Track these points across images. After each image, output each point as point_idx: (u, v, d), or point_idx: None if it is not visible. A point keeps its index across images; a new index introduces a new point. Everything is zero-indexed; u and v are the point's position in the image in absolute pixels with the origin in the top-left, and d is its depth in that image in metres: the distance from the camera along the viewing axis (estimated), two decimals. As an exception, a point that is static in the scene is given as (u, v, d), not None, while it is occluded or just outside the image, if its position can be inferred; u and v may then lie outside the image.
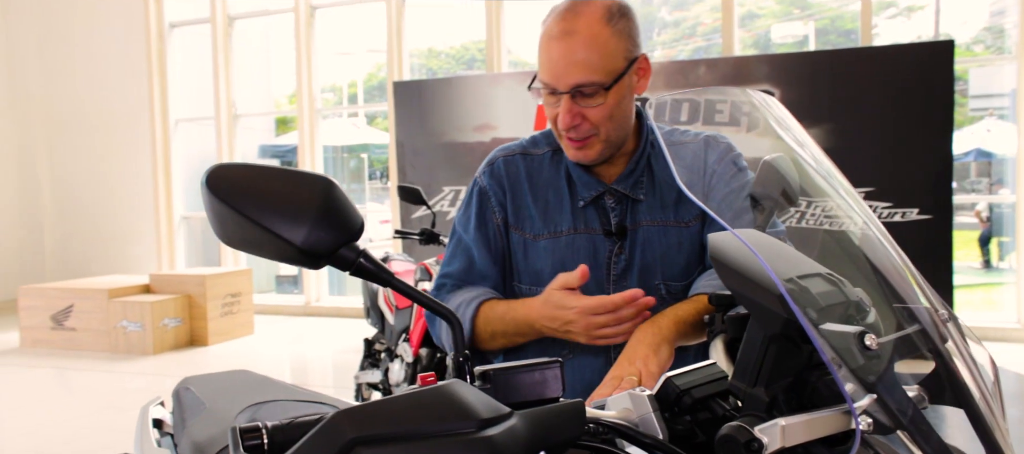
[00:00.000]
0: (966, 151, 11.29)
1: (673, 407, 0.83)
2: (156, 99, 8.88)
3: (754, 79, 5.79)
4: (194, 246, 9.23)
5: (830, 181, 0.92)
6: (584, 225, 1.35)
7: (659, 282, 1.32)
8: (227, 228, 0.74)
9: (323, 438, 0.59)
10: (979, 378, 0.73)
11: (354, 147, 12.02)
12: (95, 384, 5.58)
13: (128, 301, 6.50)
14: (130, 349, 6.46)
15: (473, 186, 1.44)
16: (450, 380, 0.67)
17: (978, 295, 8.97)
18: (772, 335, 0.72)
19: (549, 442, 0.69)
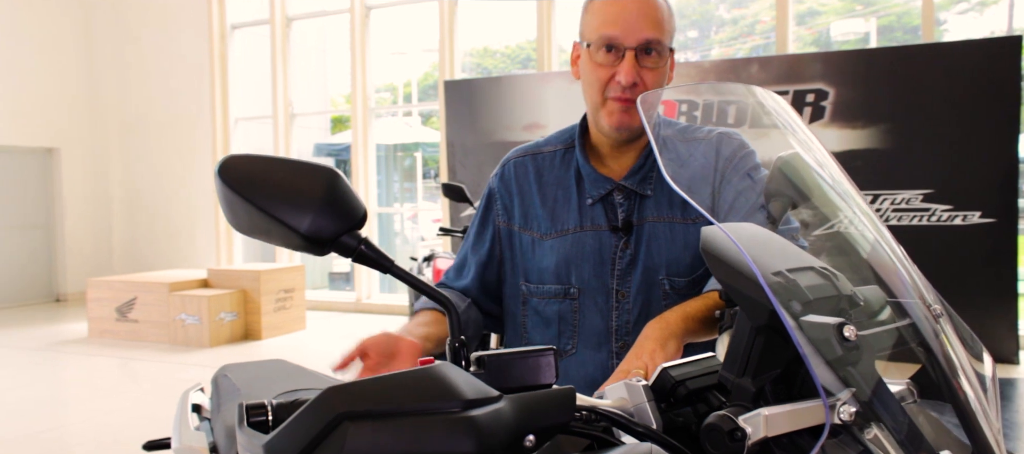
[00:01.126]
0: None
1: (668, 397, 0.85)
2: (218, 99, 9.17)
3: (807, 77, 5.68)
4: (251, 242, 9.50)
5: (835, 182, 0.92)
6: (590, 222, 1.37)
7: (663, 278, 1.33)
8: (237, 215, 0.79)
9: (314, 412, 0.63)
10: (968, 374, 0.73)
11: (407, 145, 12.18)
12: (155, 374, 5.80)
13: (187, 295, 6.74)
14: (188, 341, 6.69)
15: (486, 188, 1.50)
16: (440, 362, 0.70)
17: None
18: (759, 326, 0.73)
19: (537, 426, 0.71)
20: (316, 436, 0.62)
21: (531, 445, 0.71)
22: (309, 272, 8.33)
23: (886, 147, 5.51)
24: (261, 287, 6.92)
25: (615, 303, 1.34)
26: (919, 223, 5.40)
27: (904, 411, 0.67)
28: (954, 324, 0.78)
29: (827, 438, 0.71)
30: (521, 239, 1.43)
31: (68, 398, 5.41)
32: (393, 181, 12.17)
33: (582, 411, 0.81)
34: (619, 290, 1.34)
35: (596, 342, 1.35)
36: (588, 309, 1.35)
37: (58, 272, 9.80)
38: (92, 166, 9.94)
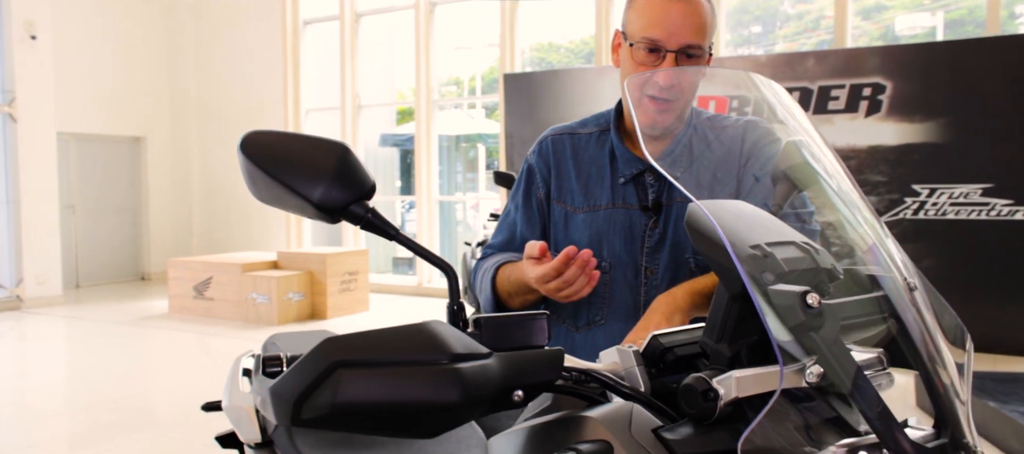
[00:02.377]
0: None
1: (658, 363, 0.88)
2: (289, 91, 9.44)
3: (864, 72, 5.53)
4: (320, 227, 9.76)
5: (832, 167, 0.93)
6: (622, 200, 1.40)
7: (689, 256, 1.36)
8: (257, 186, 0.85)
9: (312, 360, 0.69)
10: (939, 347, 0.74)
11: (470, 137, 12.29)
12: (227, 349, 6.05)
13: (258, 275, 6.99)
14: (259, 319, 6.95)
15: (524, 165, 1.53)
16: (433, 320, 0.75)
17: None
18: (735, 294, 0.76)
19: (524, 382, 0.75)
20: (313, 381, 0.68)
21: (519, 400, 0.75)
22: (373, 257, 8.52)
23: (944, 141, 5.32)
24: (327, 269, 7.12)
25: (644, 279, 1.37)
26: (978, 218, 5.21)
27: (868, 381, 0.68)
28: (931, 299, 0.79)
29: (795, 403, 0.74)
30: (554, 211, 1.47)
31: (150, 368, 5.69)
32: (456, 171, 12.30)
33: (573, 372, 0.85)
34: (648, 267, 1.38)
35: (624, 315, 1.38)
36: (618, 283, 1.39)
37: (143, 253, 10.27)
38: (174, 154, 10.37)
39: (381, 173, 10.40)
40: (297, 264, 7.32)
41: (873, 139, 5.49)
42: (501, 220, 1.53)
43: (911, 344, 0.73)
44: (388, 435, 0.72)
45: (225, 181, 10.07)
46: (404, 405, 0.69)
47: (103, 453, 3.67)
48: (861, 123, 5.52)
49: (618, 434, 0.75)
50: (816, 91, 5.66)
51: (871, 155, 5.48)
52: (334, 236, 9.60)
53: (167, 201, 10.32)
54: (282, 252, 7.61)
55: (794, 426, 0.71)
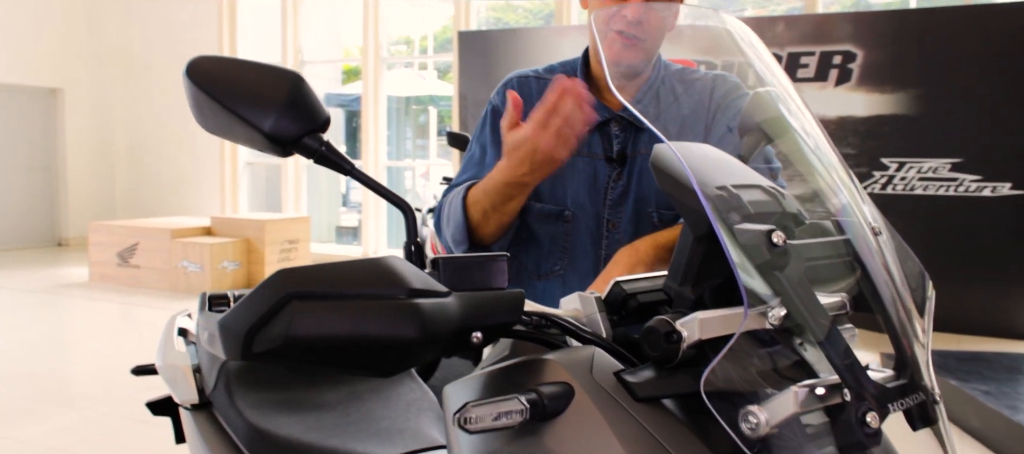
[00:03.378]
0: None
1: (620, 310, 0.91)
2: (225, 42, 9.23)
3: (835, 38, 5.65)
4: (257, 192, 9.63)
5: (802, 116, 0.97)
6: (587, 149, 1.43)
7: (652, 210, 1.39)
8: (204, 114, 0.85)
9: (265, 291, 0.70)
10: (900, 292, 0.78)
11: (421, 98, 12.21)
12: (155, 319, 5.95)
13: (189, 242, 6.87)
14: (190, 289, 6.84)
15: (487, 107, 1.54)
16: (391, 255, 0.76)
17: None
18: (699, 236, 0.79)
19: (483, 324, 0.78)
20: (265, 313, 0.69)
21: (478, 341, 0.78)
22: (315, 225, 8.45)
23: (914, 113, 5.48)
24: (265, 237, 7.04)
25: (606, 232, 1.41)
26: (946, 193, 5.39)
27: (830, 319, 0.72)
28: (896, 245, 0.83)
29: (758, 345, 0.78)
30: None
31: (68, 340, 5.57)
32: (406, 137, 12.22)
33: (533, 316, 0.88)
34: (610, 219, 1.41)
35: (585, 267, 1.41)
36: (579, 234, 1.42)
37: (60, 216, 9.99)
38: (95, 109, 10.07)
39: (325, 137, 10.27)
40: (232, 231, 7.22)
41: (842, 109, 5.63)
42: (465, 162, 1.54)
43: (873, 288, 0.77)
44: (342, 371, 0.73)
45: (153, 139, 9.84)
46: (360, 339, 0.70)
47: (22, 431, 3.60)
48: (830, 93, 5.65)
49: (580, 377, 0.78)
50: (785, 58, 5.77)
51: (840, 126, 5.62)
52: (273, 202, 9.47)
53: (87, 160, 10.04)
54: (216, 217, 7.49)
55: (756, 368, 0.74)
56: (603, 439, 0.74)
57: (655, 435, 0.74)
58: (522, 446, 0.78)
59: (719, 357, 0.70)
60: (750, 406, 0.69)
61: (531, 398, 0.74)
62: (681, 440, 0.74)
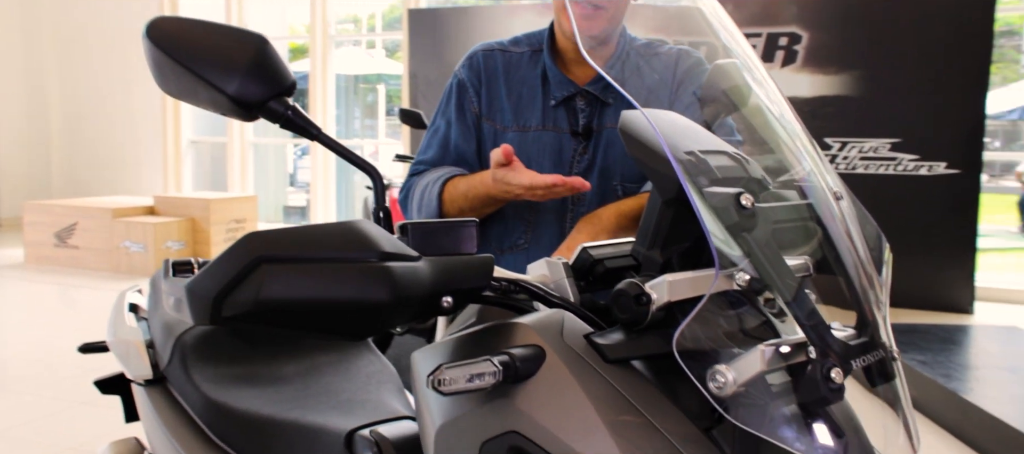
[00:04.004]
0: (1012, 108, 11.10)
1: (587, 276, 0.92)
2: (166, 17, 8.95)
3: (781, 20, 5.75)
4: (202, 171, 9.41)
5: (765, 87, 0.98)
6: (553, 123, 1.44)
7: (617, 182, 1.41)
8: (165, 76, 0.83)
9: (234, 255, 0.69)
10: (860, 253, 0.81)
11: (370, 78, 12.06)
12: (96, 301, 5.79)
13: (132, 222, 6.69)
14: (132, 270, 6.67)
15: (452, 80, 1.54)
16: (360, 219, 0.76)
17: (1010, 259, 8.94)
18: (668, 200, 0.80)
19: (454, 288, 0.78)
20: (235, 276, 0.68)
21: (448, 306, 0.78)
22: (262, 204, 8.30)
23: (858, 95, 5.62)
24: (211, 216, 6.90)
25: (571, 205, 1.42)
26: (886, 172, 5.56)
27: (796, 279, 0.74)
28: (856, 210, 0.86)
29: (726, 307, 0.79)
30: (483, 128, 1.49)
31: (6, 323, 5.39)
32: (354, 117, 12.06)
33: (502, 282, 0.88)
34: None
35: (549, 241, 1.42)
36: (544, 208, 1.43)
37: (-8, 195, 9.63)
38: (28, 80, 9.68)
39: (271, 114, 10.06)
40: (177, 210, 7.05)
41: (788, 90, 5.75)
42: (429, 137, 1.54)
43: (835, 251, 0.79)
44: (312, 335, 0.73)
45: (92, 116, 9.52)
46: (331, 303, 0.70)
47: (-46, 412, 3.48)
48: (776, 74, 5.76)
49: (550, 340, 0.79)
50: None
51: (785, 107, 5.73)
52: (218, 181, 9.27)
53: (19, 135, 9.66)
54: (159, 196, 7.31)
55: (723, 328, 0.76)
56: (575, 399, 0.74)
57: (625, 395, 0.75)
58: (494, 409, 0.78)
59: (691, 316, 0.71)
60: (717, 365, 0.70)
61: (503, 360, 0.75)
62: (651, 399, 0.76)
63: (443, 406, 0.84)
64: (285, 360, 1.46)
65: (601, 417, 0.73)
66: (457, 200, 1.40)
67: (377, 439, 1.22)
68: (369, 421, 1.29)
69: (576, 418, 0.73)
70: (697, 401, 0.77)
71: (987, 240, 6.51)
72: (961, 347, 4.36)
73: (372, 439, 1.22)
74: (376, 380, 1.46)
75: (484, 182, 1.33)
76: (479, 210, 1.38)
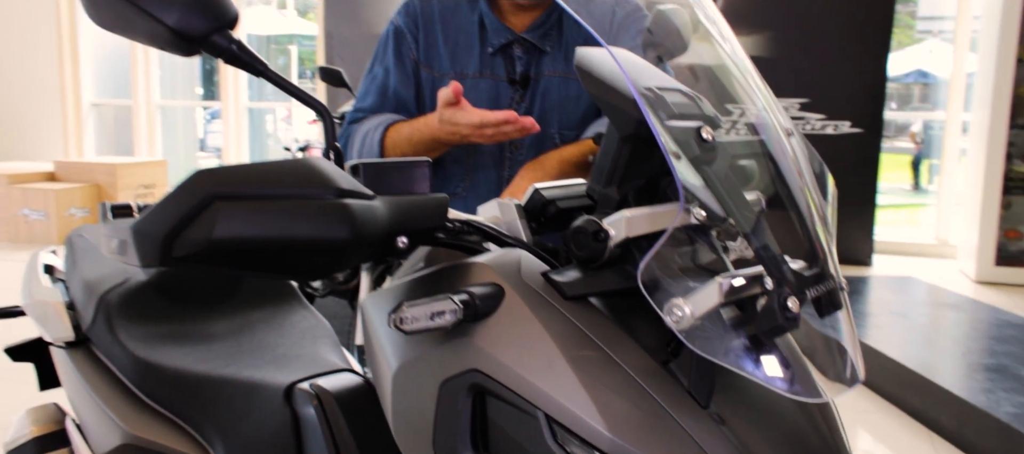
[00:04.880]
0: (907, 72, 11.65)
1: (539, 217, 0.91)
2: (61, -27, 8.44)
3: (697, -19, 5.83)
4: (105, 135, 8.96)
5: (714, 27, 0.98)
6: (490, 71, 1.42)
7: (554, 131, 1.41)
8: (98, 7, 0.77)
9: (184, 193, 0.65)
10: (810, 188, 0.82)
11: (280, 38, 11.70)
12: (-5, 272, 5.48)
13: (30, 188, 6.34)
14: (33, 238, 6.32)
15: (388, 28, 1.50)
16: (314, 156, 0.72)
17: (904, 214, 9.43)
18: (626, 136, 0.79)
19: (410, 228, 0.76)
20: (186, 215, 0.64)
21: (404, 246, 0.76)
22: (173, 168, 7.98)
23: (769, 56, 5.77)
24: (117, 182, 6.59)
25: (508, 153, 1.40)
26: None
27: (754, 211, 0.75)
28: (805, 146, 0.87)
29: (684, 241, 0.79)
30: (421, 75, 1.46)
31: None
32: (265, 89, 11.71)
33: (455, 223, 0.86)
34: (513, 141, 1.40)
35: (487, 189, 1.41)
36: (481, 156, 1.41)
37: None
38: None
39: (180, 77, 9.65)
40: (80, 175, 6.70)
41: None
42: (366, 84, 1.49)
43: (786, 185, 0.80)
44: (266, 275, 0.69)
45: (-20, 78, 8.91)
46: (288, 242, 0.67)
47: None
48: (690, 36, 5.85)
49: (509, 278, 0.78)
50: (648, 1, 5.92)
51: (700, 68, 5.85)
52: (123, 146, 8.85)
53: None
54: (60, 162, 6.92)
55: (680, 264, 0.76)
56: (535, 336, 0.74)
57: (584, 330, 0.75)
58: (453, 348, 0.77)
59: (657, 246, 0.71)
60: (674, 299, 0.71)
61: (463, 299, 0.73)
62: (609, 334, 0.76)
63: (399, 348, 0.82)
64: (216, 318, 1.41)
65: (562, 352, 0.73)
66: (400, 144, 1.36)
67: (317, 392, 1.19)
68: (308, 374, 1.26)
69: (537, 354, 0.73)
70: (653, 336, 0.78)
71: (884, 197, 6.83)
72: (861, 296, 4.59)
73: (313, 392, 1.19)
74: (312, 335, 1.42)
75: (429, 125, 1.30)
76: (422, 155, 1.35)
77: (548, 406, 0.71)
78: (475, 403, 0.76)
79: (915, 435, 3.03)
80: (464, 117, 1.24)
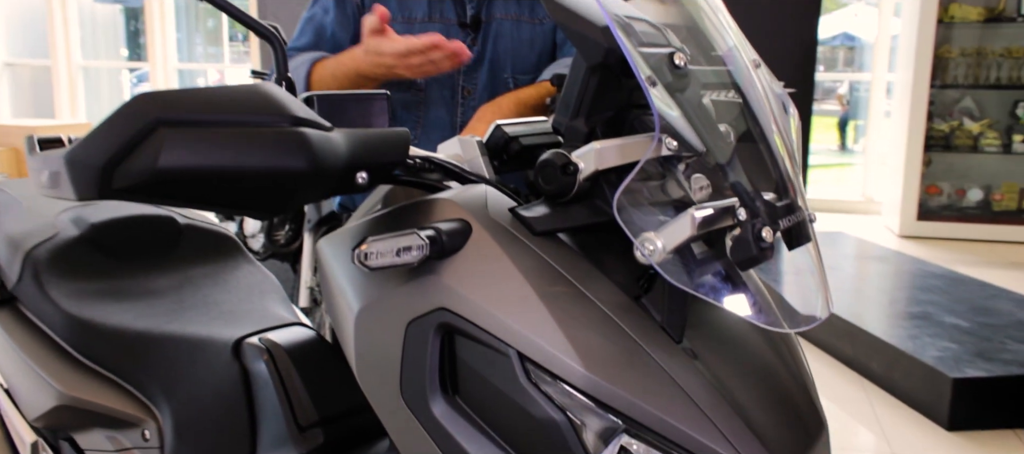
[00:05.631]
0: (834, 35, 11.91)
1: (502, 155, 0.87)
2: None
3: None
4: (21, 97, 8.50)
5: None
6: (439, 15, 1.36)
7: (508, 75, 1.36)
8: None
9: (125, 117, 0.59)
10: (777, 118, 0.81)
11: (210, -4, 11.24)
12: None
13: (-57, 152, 5.98)
14: (-51, 206, 5.99)
15: None
16: (266, 82, 0.67)
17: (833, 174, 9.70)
18: (594, 65, 0.76)
19: (370, 162, 0.71)
20: (128, 141, 0.58)
21: (363, 182, 0.71)
22: (96, 132, 7.63)
23: (703, 16, 5.80)
24: (38, 146, 6.27)
25: (461, 99, 1.36)
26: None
27: (727, 141, 0.73)
28: (771, 79, 0.86)
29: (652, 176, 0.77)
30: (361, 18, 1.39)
31: None
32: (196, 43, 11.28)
33: (415, 160, 0.82)
34: (465, 86, 1.36)
35: (440, 135, 1.36)
36: (433, 102, 1.36)
37: None
38: None
39: (102, 37, 9.21)
40: (-4, 139, 6.36)
41: (640, 12, 5.85)
42: (303, 25, 1.42)
43: (755, 117, 0.78)
44: (215, 209, 0.64)
45: None
46: (241, 172, 0.61)
47: None
48: None
49: (476, 214, 0.74)
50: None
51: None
52: (43, 108, 8.42)
53: None
54: (-27, 124, 6.55)
55: (651, 197, 0.74)
56: (505, 272, 0.71)
57: (556, 266, 0.72)
58: (419, 286, 0.73)
59: (633, 174, 0.68)
60: (646, 232, 0.68)
61: (429, 235, 0.70)
62: (581, 270, 0.73)
63: (362, 289, 0.78)
64: (154, 273, 1.33)
65: (533, 288, 0.70)
66: (325, 80, 1.29)
67: (268, 346, 1.14)
68: (256, 329, 1.20)
69: (507, 290, 0.70)
70: (624, 272, 0.75)
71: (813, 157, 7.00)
72: (795, 252, 4.69)
73: (263, 346, 1.14)
74: (259, 290, 1.36)
75: (354, 57, 1.22)
76: (349, 88, 1.28)
77: (520, 344, 0.68)
78: (444, 343, 0.73)
79: (848, 381, 3.12)
80: (389, 46, 1.17)
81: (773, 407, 0.72)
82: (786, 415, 0.73)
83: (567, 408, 0.67)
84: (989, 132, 5.70)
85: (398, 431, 0.74)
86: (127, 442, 1.13)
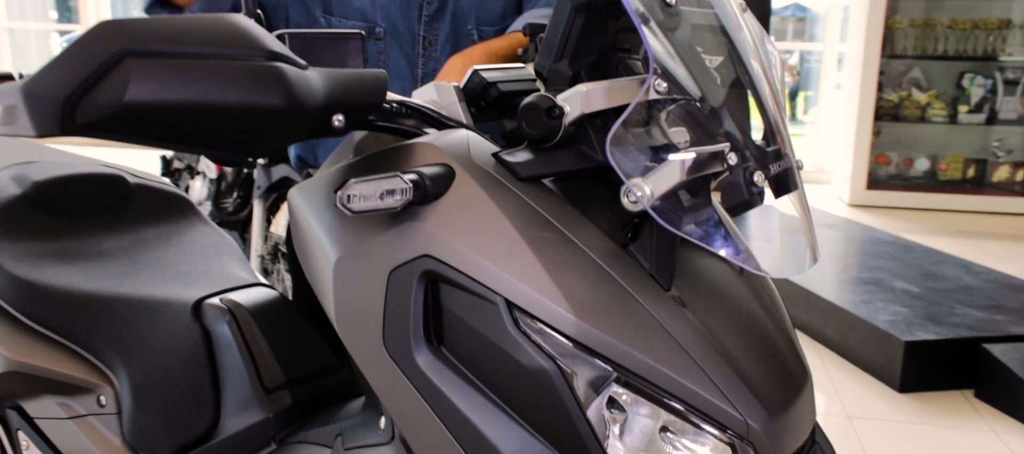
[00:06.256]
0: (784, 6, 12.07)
1: (479, 101, 0.85)
2: None
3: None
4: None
5: None
6: None
7: (471, 27, 1.33)
8: None
9: (88, 47, 0.55)
10: (764, 61, 0.80)
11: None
12: None
13: None
14: None
15: None
16: (237, 15, 0.63)
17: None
18: (578, 5, 0.74)
19: (347, 103, 0.68)
20: (92, 73, 0.55)
21: (339, 125, 0.68)
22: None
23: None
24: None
25: (422, 50, 1.32)
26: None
27: (718, 83, 0.72)
28: (756, 24, 0.85)
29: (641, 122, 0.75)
30: None
31: None
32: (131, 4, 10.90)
33: (392, 104, 0.79)
34: (426, 37, 1.31)
35: (401, 87, 1.32)
36: (393, 53, 1.31)
37: None
38: None
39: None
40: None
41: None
42: None
43: (742, 62, 0.77)
44: (185, 148, 0.61)
45: None
46: (214, 108, 0.58)
47: None
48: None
49: (459, 158, 0.72)
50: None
51: None
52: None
53: None
54: None
55: (638, 142, 0.73)
56: (490, 218, 0.69)
57: (542, 212, 0.71)
58: (401, 233, 0.71)
59: (625, 115, 0.67)
60: (634, 179, 0.67)
61: (413, 179, 0.67)
62: (567, 216, 0.72)
63: (340, 237, 0.75)
64: (104, 234, 1.28)
65: (520, 234, 0.68)
66: None
67: (230, 306, 1.10)
68: (216, 290, 1.16)
69: (493, 236, 0.68)
70: (609, 219, 0.74)
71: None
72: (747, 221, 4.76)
73: (225, 306, 1.10)
74: (215, 251, 1.32)
75: None
76: None
77: (508, 291, 0.66)
78: (428, 292, 0.70)
79: (803, 346, 3.19)
80: None
81: (760, 356, 0.72)
82: (773, 364, 0.73)
83: (557, 356, 0.66)
84: (936, 103, 5.85)
85: (381, 383, 0.72)
86: (80, 409, 1.09)
